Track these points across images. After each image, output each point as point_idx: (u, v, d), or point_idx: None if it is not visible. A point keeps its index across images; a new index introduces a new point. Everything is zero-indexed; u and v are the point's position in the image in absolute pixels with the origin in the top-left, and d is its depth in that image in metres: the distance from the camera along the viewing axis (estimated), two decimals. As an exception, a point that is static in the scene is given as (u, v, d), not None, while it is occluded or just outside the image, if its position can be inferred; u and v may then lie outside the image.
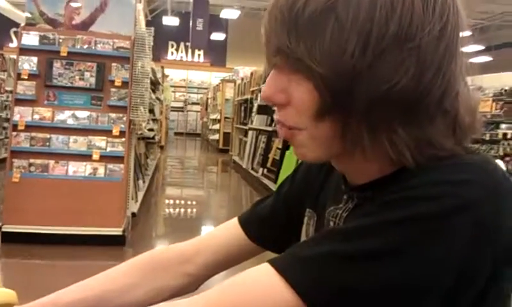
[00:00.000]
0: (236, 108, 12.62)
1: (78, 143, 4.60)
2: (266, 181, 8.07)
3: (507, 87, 10.26)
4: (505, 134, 9.68)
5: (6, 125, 9.42)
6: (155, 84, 8.67)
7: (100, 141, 4.63)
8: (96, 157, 4.59)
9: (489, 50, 16.89)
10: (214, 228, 0.90)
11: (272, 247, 0.84)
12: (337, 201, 0.71)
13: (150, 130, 7.83)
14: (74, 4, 4.96)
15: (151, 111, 7.64)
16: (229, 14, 17.60)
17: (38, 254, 4.33)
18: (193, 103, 24.15)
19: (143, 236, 5.36)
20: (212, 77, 22.85)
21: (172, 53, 23.00)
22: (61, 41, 4.62)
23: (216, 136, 16.23)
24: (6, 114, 9.56)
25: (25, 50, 4.61)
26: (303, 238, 0.80)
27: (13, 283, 0.80)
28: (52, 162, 4.54)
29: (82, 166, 4.58)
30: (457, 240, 0.50)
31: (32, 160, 4.51)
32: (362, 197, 0.64)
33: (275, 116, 0.63)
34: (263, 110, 9.01)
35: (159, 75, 9.93)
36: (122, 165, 4.65)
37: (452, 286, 0.51)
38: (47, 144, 4.56)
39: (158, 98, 9.85)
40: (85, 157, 4.59)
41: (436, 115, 0.57)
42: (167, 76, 16.80)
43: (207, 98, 19.98)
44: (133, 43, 4.76)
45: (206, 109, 19.93)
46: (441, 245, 0.50)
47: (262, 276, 0.55)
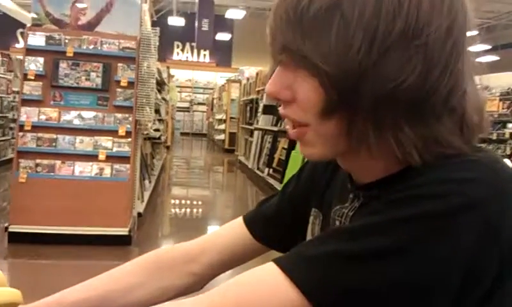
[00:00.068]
0: (242, 108, 12.62)
1: (84, 143, 4.61)
2: (272, 181, 8.06)
3: (514, 87, 10.23)
4: (512, 133, 9.65)
5: (12, 125, 9.46)
6: (161, 84, 8.68)
7: (106, 141, 4.63)
8: (102, 157, 4.59)
9: (496, 50, 16.84)
10: (219, 227, 0.90)
11: (278, 247, 0.83)
12: (343, 200, 0.70)
13: (156, 130, 7.84)
14: (80, 5, 4.96)
15: (157, 111, 7.65)
16: (234, 14, 17.62)
17: (45, 254, 4.35)
18: (199, 103, 24.19)
19: (148, 236, 5.36)
20: (218, 77, 22.88)
21: (178, 53, 23.05)
22: (67, 41, 4.63)
23: (222, 136, 16.23)
24: (13, 114, 9.60)
25: (31, 51, 4.62)
26: (309, 237, 0.79)
27: (20, 283, 0.80)
28: (58, 162, 4.55)
29: (88, 166, 4.59)
30: (464, 239, 0.50)
31: (38, 161, 4.52)
32: (368, 196, 0.63)
33: (280, 110, 0.63)
34: (269, 110, 8.99)
35: (164, 76, 9.95)
36: (128, 166, 4.65)
37: (458, 286, 0.50)
38: (54, 144, 4.57)
39: (164, 99, 9.86)
40: (91, 157, 4.60)
41: (442, 113, 0.56)
42: (173, 76, 16.82)
43: (213, 98, 20.00)
44: (139, 44, 4.77)
45: (212, 109, 19.94)
46: (447, 243, 0.50)
47: (267, 275, 0.55)
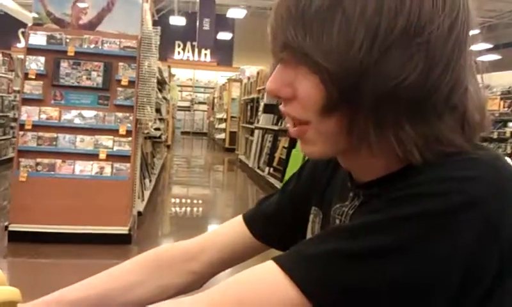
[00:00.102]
0: (242, 107, 12.62)
1: (85, 142, 4.61)
2: (272, 180, 8.07)
3: (515, 86, 10.23)
4: (513, 132, 9.65)
5: (13, 124, 9.47)
6: (162, 84, 8.69)
7: (106, 140, 4.64)
8: (103, 156, 4.60)
9: (498, 49, 16.81)
10: (219, 226, 0.89)
11: (277, 245, 0.83)
12: (343, 198, 0.70)
13: (157, 129, 7.84)
14: (81, 4, 4.97)
15: (158, 110, 7.65)
16: (235, 13, 17.61)
17: (45, 253, 4.35)
18: (200, 102, 24.19)
19: (149, 235, 5.36)
20: (219, 77, 22.87)
21: (179, 52, 23.05)
22: (68, 41, 4.63)
23: (222, 135, 16.23)
24: (14, 113, 9.62)
25: (32, 50, 4.62)
26: (309, 236, 0.79)
27: (20, 282, 0.80)
28: (59, 161, 4.55)
29: (88, 165, 4.60)
30: (464, 237, 0.49)
31: (39, 160, 4.53)
32: (368, 194, 0.63)
33: (281, 108, 0.62)
34: (269, 109, 8.99)
35: (165, 75, 9.95)
36: (129, 165, 4.65)
37: (458, 284, 0.50)
38: (54, 143, 4.57)
39: (165, 98, 9.86)
40: (92, 156, 4.61)
41: (444, 111, 0.56)
42: (173, 75, 16.82)
43: (214, 98, 19.99)
44: (140, 43, 4.77)
45: (212, 108, 19.95)
46: (447, 242, 0.49)
47: (267, 274, 0.54)
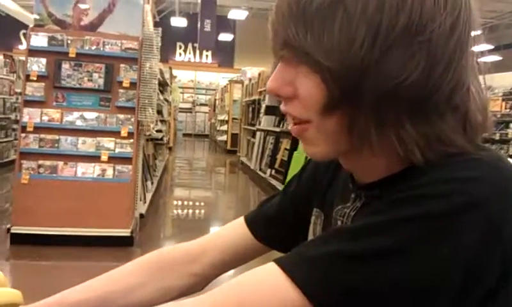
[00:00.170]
0: (244, 109, 12.61)
1: (86, 144, 4.62)
2: (274, 182, 8.06)
3: (517, 87, 10.22)
4: (515, 134, 9.64)
5: (15, 126, 9.48)
6: (163, 85, 8.69)
7: (108, 142, 4.64)
8: (104, 158, 4.60)
9: (499, 50, 16.80)
10: (220, 228, 0.89)
11: (279, 247, 0.83)
12: (345, 200, 0.70)
13: (159, 131, 7.84)
14: (82, 5, 4.97)
15: (159, 112, 7.66)
16: (237, 15, 17.63)
17: (47, 255, 4.35)
18: (201, 104, 24.20)
19: (151, 237, 5.36)
20: (220, 78, 22.89)
21: (180, 54, 23.07)
22: (69, 42, 4.63)
23: (224, 137, 16.22)
24: (16, 115, 9.64)
25: (34, 52, 4.63)
26: (310, 237, 0.79)
27: (22, 284, 0.80)
28: (60, 163, 4.56)
29: (90, 167, 4.60)
30: (467, 238, 0.49)
31: (41, 162, 4.53)
32: (370, 195, 0.63)
33: (282, 107, 0.62)
34: (271, 111, 8.99)
35: (167, 76, 9.96)
36: (130, 167, 4.65)
37: (461, 286, 0.50)
38: (56, 145, 4.57)
39: (166, 99, 9.87)
40: (93, 158, 4.61)
41: (445, 111, 0.56)
42: (175, 77, 16.84)
43: (215, 99, 20.00)
44: (141, 44, 4.77)
45: (214, 110, 19.95)
46: (450, 243, 0.49)
47: (268, 276, 0.54)
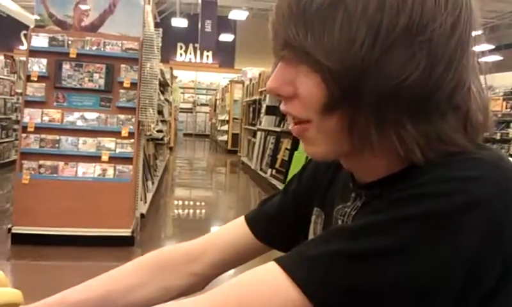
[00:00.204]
0: (244, 109, 12.61)
1: (87, 144, 4.62)
2: (275, 181, 8.06)
3: (517, 87, 10.21)
4: (515, 133, 9.63)
5: (16, 126, 9.49)
6: (164, 86, 8.70)
7: (109, 142, 4.64)
8: (105, 158, 4.60)
9: (499, 49, 16.78)
10: (220, 227, 0.89)
11: (280, 246, 0.83)
12: (345, 199, 0.70)
13: (159, 131, 7.84)
14: (83, 6, 4.97)
15: (160, 112, 7.66)
16: (237, 15, 17.62)
17: (47, 255, 4.35)
18: (202, 104, 24.20)
19: (151, 237, 5.36)
20: (221, 78, 22.89)
21: (181, 54, 23.07)
22: (70, 42, 4.63)
23: (225, 137, 16.22)
24: (16, 116, 9.65)
25: (34, 52, 4.63)
26: (311, 236, 0.79)
27: (23, 284, 0.80)
28: (61, 163, 4.56)
29: (91, 167, 4.60)
30: (467, 238, 0.49)
31: (41, 162, 4.53)
32: (370, 195, 0.63)
33: (282, 107, 0.62)
34: (271, 111, 8.99)
35: (167, 77, 9.96)
36: (131, 167, 4.65)
37: (461, 285, 0.50)
38: (57, 145, 4.57)
39: (167, 100, 9.87)
40: (94, 158, 4.61)
41: (446, 110, 0.56)
42: (176, 77, 16.86)
43: (216, 99, 20.00)
44: (142, 45, 4.77)
45: (214, 110, 19.95)
46: (450, 242, 0.49)
47: (269, 275, 0.54)
